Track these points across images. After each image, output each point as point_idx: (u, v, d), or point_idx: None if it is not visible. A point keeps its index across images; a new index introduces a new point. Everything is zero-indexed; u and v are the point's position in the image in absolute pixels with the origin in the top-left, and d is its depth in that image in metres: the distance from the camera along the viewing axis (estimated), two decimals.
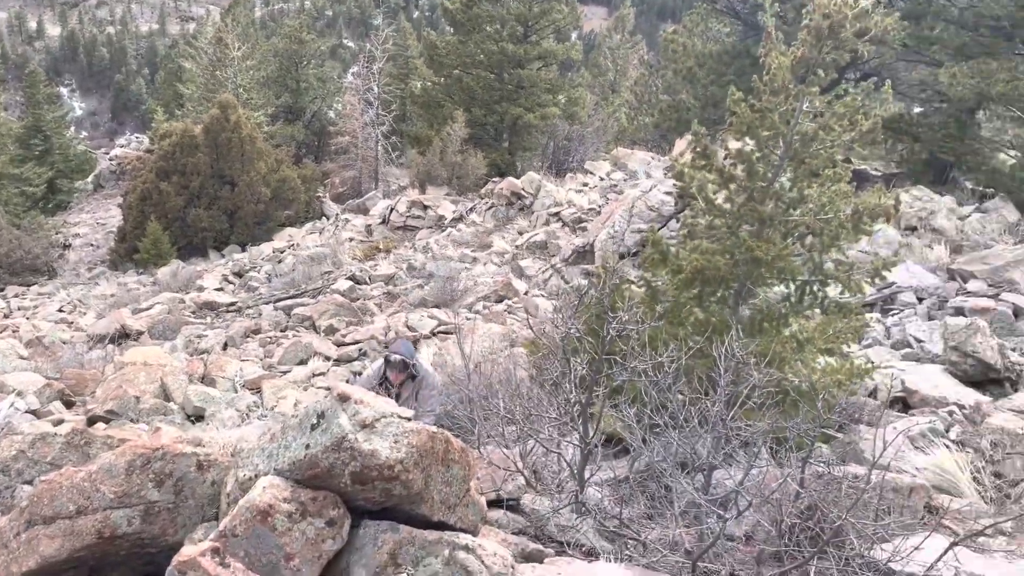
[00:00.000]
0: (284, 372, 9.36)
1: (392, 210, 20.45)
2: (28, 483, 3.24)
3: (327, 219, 24.14)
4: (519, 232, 18.03)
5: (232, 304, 15.76)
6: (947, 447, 4.55)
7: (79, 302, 19.56)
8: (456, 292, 13.62)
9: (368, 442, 2.33)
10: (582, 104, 26.98)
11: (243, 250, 22.89)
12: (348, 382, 6.74)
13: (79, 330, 15.53)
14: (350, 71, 51.12)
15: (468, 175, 22.37)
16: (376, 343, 10.29)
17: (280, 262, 18.97)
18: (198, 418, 7.79)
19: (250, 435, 6.72)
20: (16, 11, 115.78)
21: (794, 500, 3.15)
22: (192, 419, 7.81)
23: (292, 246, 21.11)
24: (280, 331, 12.56)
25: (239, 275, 19.05)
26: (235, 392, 8.32)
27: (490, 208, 19.59)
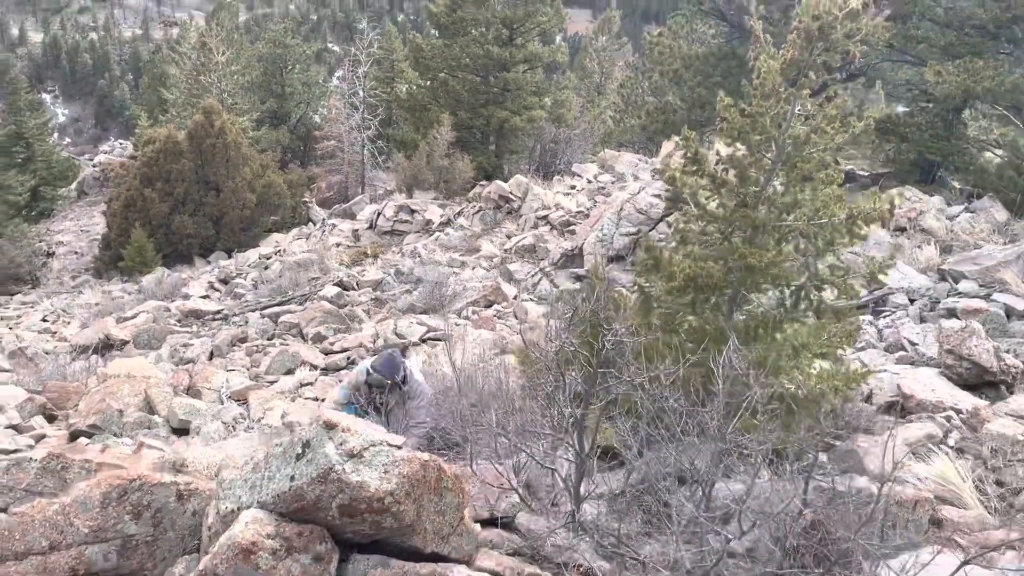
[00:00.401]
0: (271, 382, 9.22)
1: (379, 215, 20.30)
2: (2, 511, 3.10)
3: (313, 224, 23.96)
4: (507, 236, 17.93)
5: (218, 312, 15.57)
6: (947, 455, 4.48)
7: (63, 311, 19.30)
8: (445, 297, 13.51)
9: (356, 473, 2.21)
10: (568, 106, 26.96)
11: (229, 256, 22.67)
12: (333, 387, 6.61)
13: (63, 340, 15.31)
14: (335, 75, 50.96)
15: (455, 179, 22.26)
16: (364, 351, 10.15)
17: (266, 268, 18.78)
18: (183, 431, 7.64)
19: (235, 450, 6.58)
20: None
21: (797, 517, 3.06)
22: (177, 432, 7.66)
23: (279, 252, 20.92)
24: (267, 339, 12.41)
25: (225, 282, 18.85)
26: (221, 404, 8.17)
27: (478, 212, 19.48)
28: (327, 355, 10.31)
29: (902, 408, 6.14)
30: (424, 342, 10.46)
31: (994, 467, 4.41)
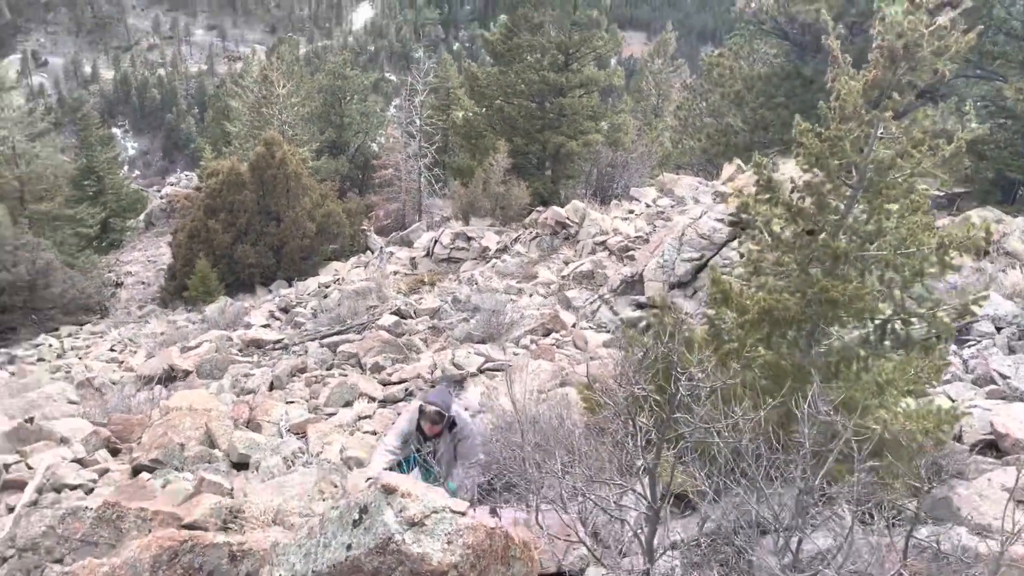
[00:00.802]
0: (330, 415, 9.16)
1: (436, 242, 20.35)
2: (58, 562, 3.02)
3: (372, 252, 24.18)
4: (565, 262, 17.74)
5: (278, 341, 15.71)
6: None
7: (130, 341, 19.78)
8: (502, 325, 13.34)
9: (417, 543, 2.04)
10: (625, 130, 26.75)
11: (289, 285, 23.01)
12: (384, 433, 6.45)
13: (129, 370, 15.62)
14: (392, 104, 51.79)
15: (511, 205, 22.21)
16: (423, 382, 10.04)
17: (326, 297, 18.94)
18: (243, 465, 7.61)
19: (294, 487, 6.49)
20: (72, 56, 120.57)
21: None
22: (237, 467, 7.62)
23: (338, 280, 21.12)
24: (326, 369, 12.41)
25: (285, 311, 19.07)
26: (280, 437, 8.12)
27: (535, 238, 19.36)
28: (385, 386, 10.21)
29: (996, 448, 5.70)
30: (482, 372, 10.29)
31: None
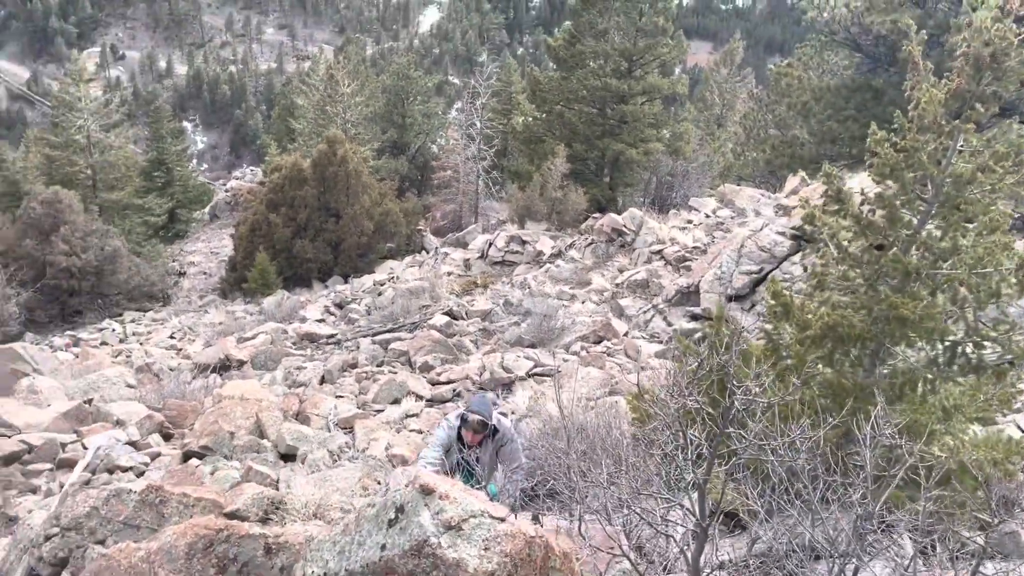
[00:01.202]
0: (378, 411, 9.19)
1: (491, 245, 20.35)
2: (100, 543, 3.03)
3: (427, 252, 24.33)
4: (619, 270, 17.55)
5: (332, 336, 15.89)
6: None
7: (189, 329, 20.28)
8: (553, 331, 13.25)
9: (453, 548, 1.96)
10: (687, 139, 26.40)
11: (345, 281, 23.30)
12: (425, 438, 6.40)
13: (187, 357, 15.99)
14: (455, 107, 52.16)
15: (568, 211, 22.10)
16: (471, 384, 10.01)
17: (380, 295, 19.11)
18: (290, 457, 7.67)
19: (338, 481, 6.50)
20: (148, 51, 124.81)
21: None
22: (285, 458, 7.70)
23: (392, 279, 21.30)
24: (376, 366, 12.50)
25: (340, 306, 19.30)
26: (328, 431, 8.18)
27: (590, 244, 19.20)
28: (434, 385, 10.22)
29: None
30: (531, 377, 10.21)
31: None
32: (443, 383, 10.19)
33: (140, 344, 18.98)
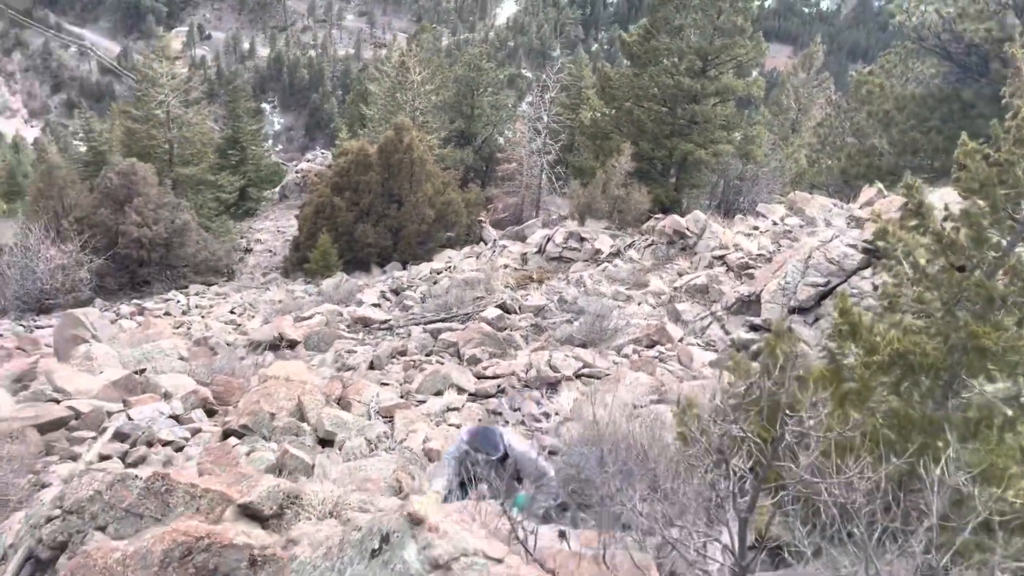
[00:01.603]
0: (420, 402, 9.07)
1: (549, 240, 20.10)
2: (101, 529, 2.92)
3: (485, 244, 24.22)
4: (679, 273, 17.09)
5: (385, 322, 15.90)
6: None
7: (250, 305, 20.61)
8: (606, 331, 12.94)
9: None
10: (759, 143, 25.60)
11: (404, 268, 23.39)
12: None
13: (244, 334, 16.20)
14: (526, 100, 51.97)
15: (630, 210, 21.68)
16: (516, 380, 9.80)
17: (436, 283, 19.08)
18: (329, 442, 7.60)
19: (372, 471, 6.38)
20: (233, 32, 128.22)
21: None
22: (323, 443, 7.62)
23: (449, 268, 21.27)
24: (425, 355, 12.41)
25: (396, 292, 19.35)
26: (368, 419, 8.07)
27: (650, 245, 18.77)
28: (479, 379, 10.05)
29: None
30: (578, 377, 9.94)
31: None
32: (489, 377, 10.00)
33: (201, 317, 19.37)
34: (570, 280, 17.58)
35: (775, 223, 18.68)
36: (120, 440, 6.98)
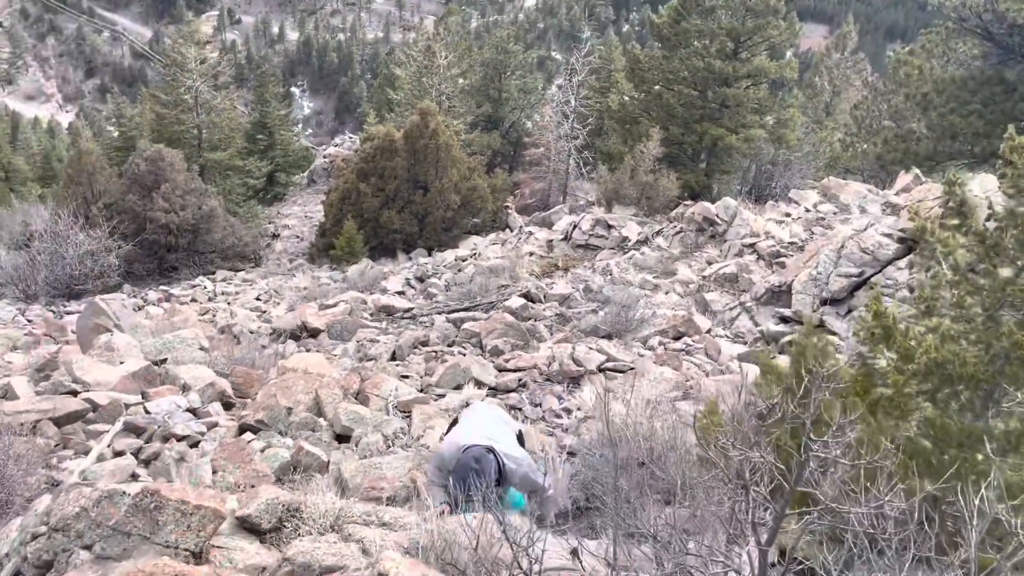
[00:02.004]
0: (439, 396, 8.92)
1: (575, 227, 19.84)
2: (87, 548, 2.80)
3: (511, 231, 24.01)
4: (708, 262, 16.76)
5: (408, 310, 15.80)
6: None
7: (275, 292, 20.66)
8: (632, 322, 12.70)
9: None
10: (792, 126, 24.99)
11: (429, 254, 23.28)
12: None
13: (268, 321, 16.22)
14: (555, 83, 51.54)
15: (658, 196, 21.31)
16: (538, 374, 9.62)
17: (460, 271, 18.95)
18: (345, 438, 7.49)
19: (388, 467, 6.25)
20: (262, 17, 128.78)
21: None
22: (340, 439, 7.52)
23: (475, 255, 21.11)
24: (447, 345, 12.27)
25: (421, 280, 19.25)
26: (386, 414, 7.95)
27: (678, 233, 18.44)
28: (500, 372, 9.88)
29: None
30: (601, 371, 9.73)
31: None
32: (510, 370, 9.83)
33: (227, 304, 19.46)
34: (596, 268, 17.33)
35: (808, 210, 18.25)
36: (136, 434, 6.94)
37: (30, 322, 17.24)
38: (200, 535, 2.91)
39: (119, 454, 6.35)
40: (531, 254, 19.24)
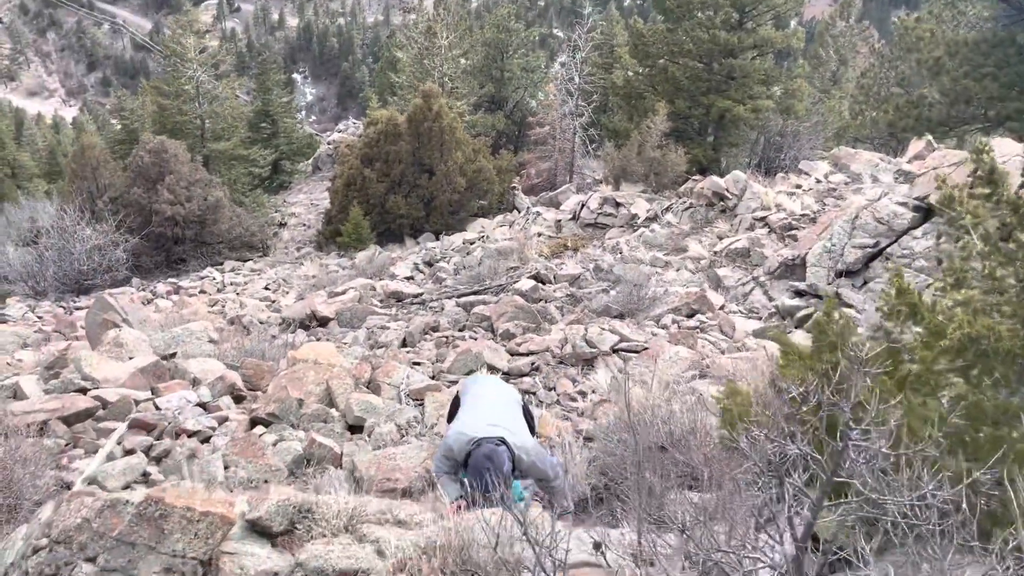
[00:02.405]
0: (452, 382, 8.82)
1: (583, 206, 19.63)
2: (91, 560, 2.70)
3: (518, 212, 23.81)
4: (718, 237, 16.55)
5: (418, 295, 15.69)
6: None
7: (284, 281, 20.56)
8: (644, 300, 12.54)
9: None
10: (800, 96, 24.59)
11: (437, 238, 23.12)
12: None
13: (277, 311, 16.13)
14: (558, 61, 50.99)
15: (666, 172, 21.04)
16: (551, 357, 9.50)
17: (469, 254, 18.80)
18: (358, 428, 7.40)
19: (402, 458, 6.15)
20: (261, 4, 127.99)
21: None
22: (352, 429, 7.43)
23: (483, 238, 20.95)
24: (458, 330, 12.17)
25: (429, 264, 19.12)
26: (398, 403, 7.85)
27: (688, 208, 18.22)
28: (512, 356, 9.76)
29: None
30: (615, 352, 9.60)
31: None
32: (522, 354, 9.71)
33: (236, 294, 19.38)
34: (606, 247, 17.15)
35: (819, 181, 17.99)
36: (146, 431, 6.86)
37: (40, 318, 17.23)
38: (208, 543, 2.80)
39: (129, 452, 6.28)
40: (539, 235, 19.07)
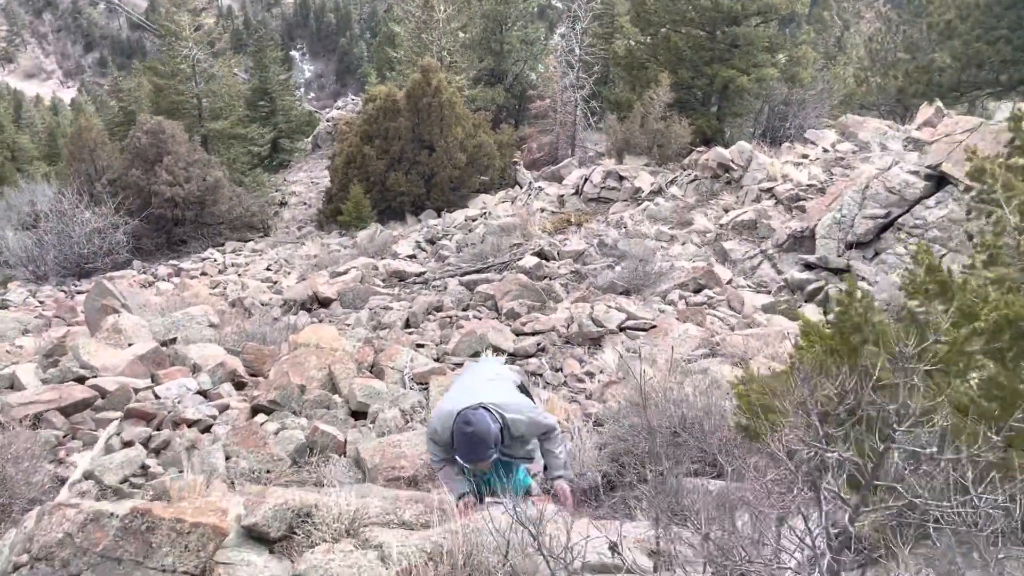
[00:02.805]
0: (456, 365, 8.64)
1: (586, 180, 19.34)
2: None
3: (520, 187, 23.51)
4: (724, 209, 16.29)
5: (420, 274, 15.50)
6: None
7: (285, 261, 20.37)
8: (650, 276, 12.32)
9: None
10: (806, 64, 24.11)
11: (438, 215, 22.86)
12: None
13: (279, 292, 15.96)
14: (557, 32, 50.21)
15: (670, 144, 20.69)
16: (556, 337, 9.32)
17: (471, 231, 18.56)
18: (361, 415, 7.24)
19: (406, 445, 5.97)
20: None
21: None
22: (355, 415, 7.27)
23: (485, 214, 20.68)
24: (462, 310, 11.99)
25: (432, 242, 18.88)
26: (402, 388, 7.68)
27: (692, 181, 17.93)
28: (518, 336, 9.58)
29: None
30: (622, 331, 9.41)
31: None
32: (528, 334, 9.53)
33: (238, 275, 19.19)
34: (610, 222, 16.90)
35: (826, 150, 17.67)
36: (145, 421, 6.70)
37: (41, 303, 17.08)
38: (200, 555, 2.63)
39: (128, 444, 6.12)
40: (542, 210, 18.81)
